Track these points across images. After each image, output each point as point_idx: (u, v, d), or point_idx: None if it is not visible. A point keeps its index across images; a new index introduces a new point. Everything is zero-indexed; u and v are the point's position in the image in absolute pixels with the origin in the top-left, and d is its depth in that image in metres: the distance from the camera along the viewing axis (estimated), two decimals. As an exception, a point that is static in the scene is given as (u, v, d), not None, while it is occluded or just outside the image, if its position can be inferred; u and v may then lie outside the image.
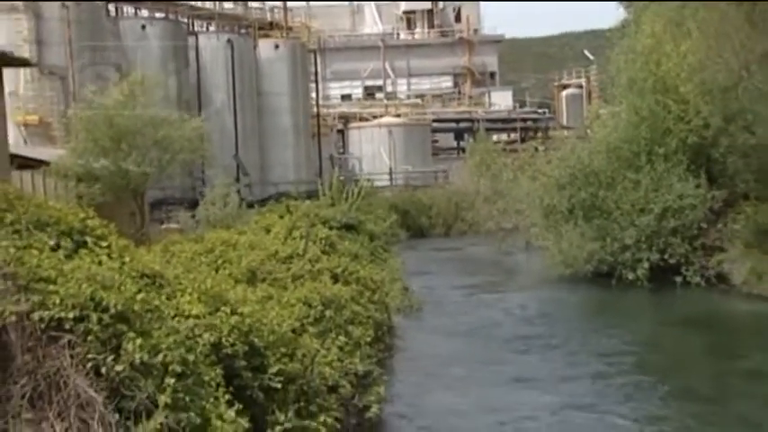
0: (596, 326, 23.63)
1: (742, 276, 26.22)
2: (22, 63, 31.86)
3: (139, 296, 8.51)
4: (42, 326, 7.70)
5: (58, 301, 7.80)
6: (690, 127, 28.83)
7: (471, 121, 73.58)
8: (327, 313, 13.91)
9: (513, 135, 74.42)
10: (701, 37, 24.63)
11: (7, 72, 28.19)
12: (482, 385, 16.59)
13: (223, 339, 9.35)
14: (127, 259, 9.69)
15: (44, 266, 8.26)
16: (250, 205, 37.61)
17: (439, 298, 26.93)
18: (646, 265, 27.73)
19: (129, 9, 52.37)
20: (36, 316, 7.68)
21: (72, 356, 7.65)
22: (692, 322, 23.23)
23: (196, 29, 55.43)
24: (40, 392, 7.47)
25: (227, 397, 8.67)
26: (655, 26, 29.77)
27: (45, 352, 7.63)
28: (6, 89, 27.99)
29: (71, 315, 7.77)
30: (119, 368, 7.70)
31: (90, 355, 7.70)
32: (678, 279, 27.27)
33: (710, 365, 17.83)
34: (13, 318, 7.51)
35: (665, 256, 27.87)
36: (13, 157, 27.57)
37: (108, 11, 48.89)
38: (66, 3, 43.39)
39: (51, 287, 7.94)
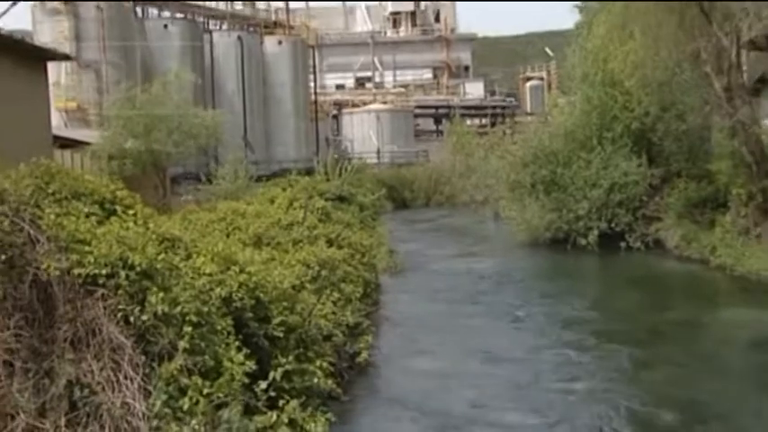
0: (553, 284, 23.77)
1: (674, 242, 26.35)
2: (63, 57, 31.83)
3: (161, 256, 8.60)
4: (80, 281, 7.80)
5: (92, 260, 7.89)
6: (633, 115, 28.83)
7: (448, 107, 73.27)
8: (323, 273, 13.93)
9: (484, 120, 74.05)
10: (642, 39, 24.70)
11: (51, 65, 28.23)
12: (452, 334, 16.66)
13: (233, 294, 9.42)
14: (150, 225, 9.74)
15: (81, 230, 8.34)
16: (257, 179, 37.55)
17: (419, 260, 26.92)
18: (596, 232, 27.85)
19: (153, 11, 52.03)
20: (75, 272, 7.77)
21: (105, 307, 7.75)
22: (633, 280, 23.42)
23: (211, 27, 55.08)
24: (79, 337, 7.56)
25: (236, 343, 8.76)
26: (603, 29, 29.79)
27: (83, 303, 7.71)
28: (50, 80, 28.03)
29: (104, 272, 7.88)
30: (144, 318, 7.82)
31: (120, 307, 7.81)
32: (622, 244, 27.39)
33: (648, 316, 17.96)
34: (56, 273, 7.61)
35: (612, 225, 28.00)
36: (56, 137, 27.66)
37: (135, 12, 48.71)
38: (101, 4, 43.71)
39: (87, 248, 8.04)
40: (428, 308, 19.44)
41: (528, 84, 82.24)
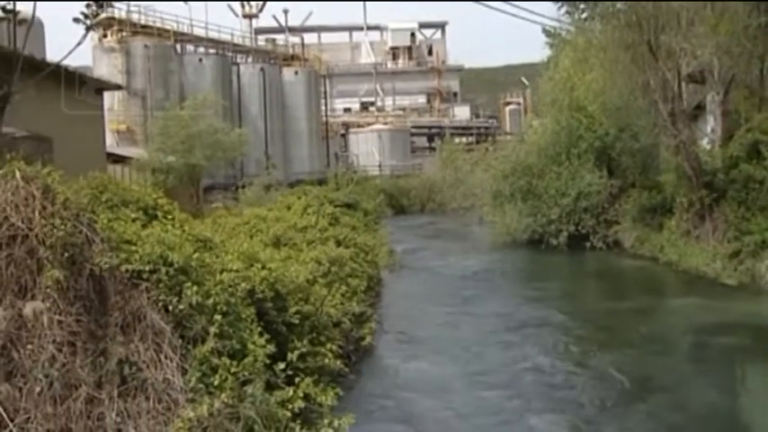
0: (529, 277, 23.93)
1: (630, 242, 26.43)
2: (117, 87, 32.61)
3: (195, 255, 8.63)
4: (127, 275, 7.85)
5: (138, 258, 7.94)
6: (595, 135, 28.93)
7: (440, 128, 73.22)
8: (333, 269, 13.84)
9: (470, 138, 74.07)
10: (601, 71, 24.95)
11: (106, 94, 28.88)
12: (445, 321, 16.72)
13: (256, 287, 9.42)
14: (186, 228, 9.78)
15: (128, 232, 8.39)
16: (276, 189, 37.48)
17: (415, 258, 26.89)
18: (565, 234, 27.87)
19: (190, 47, 52.21)
20: (123, 268, 7.84)
21: (148, 298, 7.81)
22: (596, 275, 23.61)
23: (238, 60, 55.11)
24: (127, 323, 7.63)
25: (258, 329, 8.77)
26: (568, 62, 29.91)
27: (130, 294, 7.78)
28: (105, 106, 28.59)
29: (147, 268, 7.92)
30: (181, 307, 7.86)
31: (161, 297, 7.86)
32: (587, 244, 27.47)
33: (608, 306, 18.05)
34: (108, 269, 7.70)
35: (579, 228, 28.00)
36: (109, 154, 27.99)
37: (175, 49, 49.05)
38: (148, 43, 45.47)
39: (133, 248, 8.08)
40: (423, 298, 19.44)
41: (507, 108, 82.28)
